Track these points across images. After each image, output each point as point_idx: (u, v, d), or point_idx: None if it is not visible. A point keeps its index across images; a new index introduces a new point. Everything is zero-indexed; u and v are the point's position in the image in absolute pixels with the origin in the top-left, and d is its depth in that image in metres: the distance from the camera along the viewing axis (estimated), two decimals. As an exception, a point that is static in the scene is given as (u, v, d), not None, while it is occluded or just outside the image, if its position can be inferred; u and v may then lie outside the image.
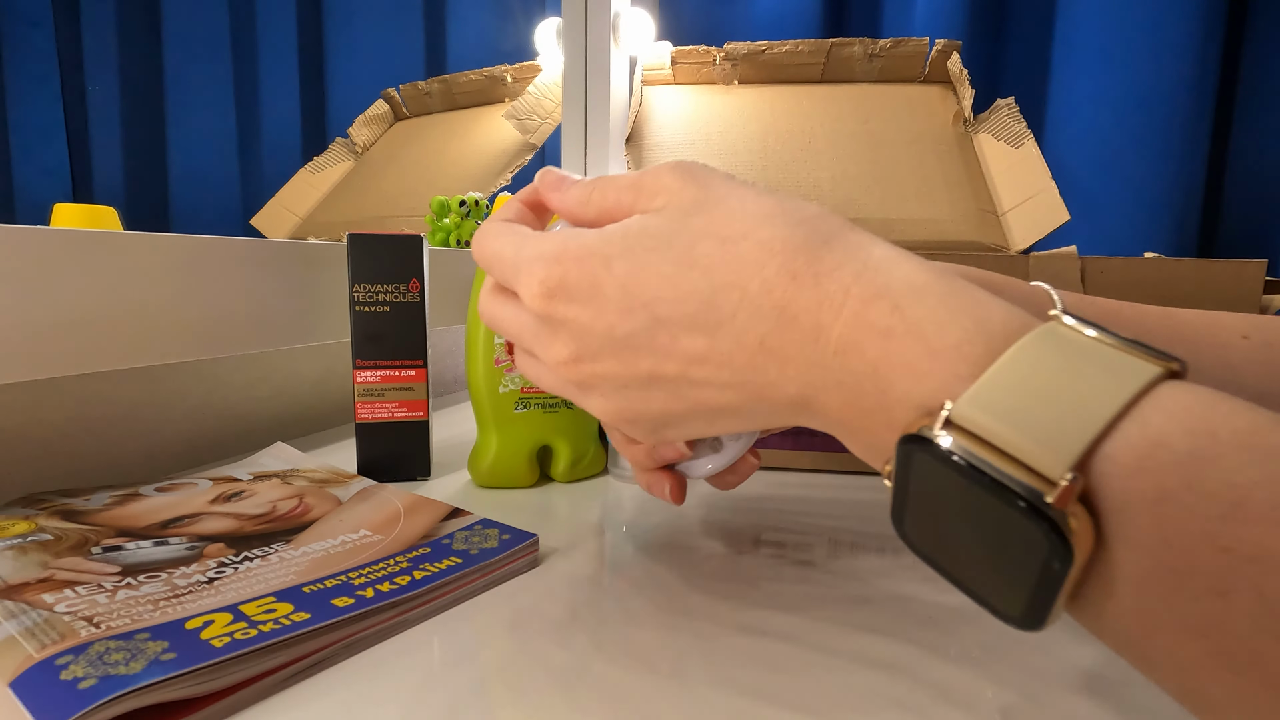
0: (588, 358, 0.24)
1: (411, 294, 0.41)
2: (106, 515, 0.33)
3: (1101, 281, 0.45)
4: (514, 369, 0.41)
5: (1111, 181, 0.98)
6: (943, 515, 0.18)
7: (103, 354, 0.36)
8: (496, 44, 1.19)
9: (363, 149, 1.10)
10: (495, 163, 0.94)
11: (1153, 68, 0.95)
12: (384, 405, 0.42)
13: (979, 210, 0.56)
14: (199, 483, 0.38)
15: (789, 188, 0.57)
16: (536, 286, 0.24)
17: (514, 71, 1.00)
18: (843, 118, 0.71)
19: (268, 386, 0.54)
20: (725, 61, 0.77)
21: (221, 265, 0.42)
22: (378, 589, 0.26)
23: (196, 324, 0.41)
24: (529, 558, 0.32)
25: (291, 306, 0.47)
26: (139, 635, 0.22)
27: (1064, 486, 0.15)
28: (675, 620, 0.27)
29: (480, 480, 0.42)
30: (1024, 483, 0.15)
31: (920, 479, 0.18)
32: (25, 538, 0.29)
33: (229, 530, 0.32)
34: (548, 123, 0.94)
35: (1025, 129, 0.67)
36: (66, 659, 0.20)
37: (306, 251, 0.48)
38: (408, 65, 1.21)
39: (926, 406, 0.18)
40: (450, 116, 1.06)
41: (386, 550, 0.30)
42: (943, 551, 0.18)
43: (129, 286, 0.37)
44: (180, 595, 0.25)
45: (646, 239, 0.22)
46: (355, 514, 0.34)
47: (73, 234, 0.34)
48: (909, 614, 0.28)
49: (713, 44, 0.78)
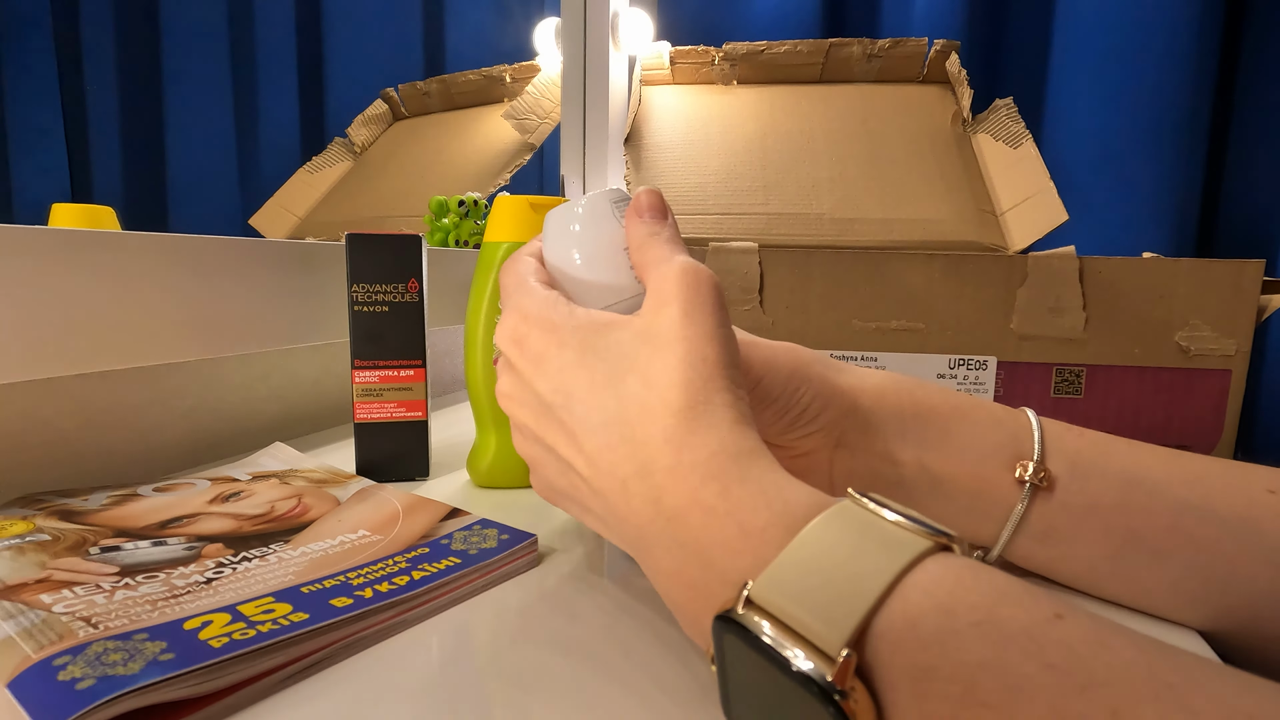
0: (517, 401, 0.27)
1: (410, 294, 0.41)
2: (105, 515, 0.33)
3: (1100, 281, 0.45)
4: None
5: (1110, 181, 0.98)
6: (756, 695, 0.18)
7: (101, 354, 0.36)
8: (495, 44, 1.18)
9: (361, 149, 1.10)
10: (494, 162, 0.94)
11: (1151, 67, 0.95)
12: (383, 405, 0.42)
13: (977, 210, 0.56)
14: (197, 483, 0.38)
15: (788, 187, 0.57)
16: (509, 329, 0.27)
17: (513, 71, 1.00)
18: (841, 118, 0.71)
19: (266, 386, 0.54)
20: (724, 61, 0.77)
21: (220, 265, 0.42)
22: (376, 589, 0.26)
23: (195, 324, 0.41)
24: (528, 558, 0.32)
25: (290, 306, 0.47)
26: (137, 635, 0.22)
27: (841, 663, 0.16)
28: (674, 621, 0.27)
29: (479, 480, 0.42)
30: (809, 661, 0.16)
31: (732, 655, 0.19)
32: (23, 538, 0.29)
33: (227, 530, 0.32)
34: (546, 122, 0.94)
35: (1024, 129, 0.67)
36: (64, 659, 0.20)
37: (305, 251, 0.48)
38: (406, 65, 1.21)
39: (738, 585, 0.19)
40: (449, 116, 1.06)
41: (385, 550, 0.30)
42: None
43: (127, 286, 0.37)
44: (178, 595, 0.25)
45: (604, 346, 0.25)
46: (354, 514, 0.34)
47: (71, 234, 0.34)
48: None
49: (711, 44, 0.78)
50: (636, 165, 0.71)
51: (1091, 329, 0.45)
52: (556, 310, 0.26)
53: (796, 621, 0.17)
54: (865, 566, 0.17)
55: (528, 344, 0.26)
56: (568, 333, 0.25)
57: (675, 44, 0.80)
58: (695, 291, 0.24)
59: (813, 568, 0.18)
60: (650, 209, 0.28)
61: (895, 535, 0.18)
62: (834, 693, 0.16)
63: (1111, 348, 0.45)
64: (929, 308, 0.46)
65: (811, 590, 0.17)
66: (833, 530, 0.18)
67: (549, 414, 0.25)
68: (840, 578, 0.17)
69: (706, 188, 0.66)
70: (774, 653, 0.17)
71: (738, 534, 0.20)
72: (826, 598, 0.17)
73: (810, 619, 0.17)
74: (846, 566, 0.17)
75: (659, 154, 0.72)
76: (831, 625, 0.17)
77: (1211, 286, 0.44)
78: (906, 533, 0.18)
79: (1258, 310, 0.45)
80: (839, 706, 0.16)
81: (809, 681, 0.16)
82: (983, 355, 0.46)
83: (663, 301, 0.25)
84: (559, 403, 0.25)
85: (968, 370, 0.46)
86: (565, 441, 0.25)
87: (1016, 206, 0.59)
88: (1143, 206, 0.97)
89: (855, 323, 0.46)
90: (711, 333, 0.24)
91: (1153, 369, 0.45)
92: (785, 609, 0.17)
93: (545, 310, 0.26)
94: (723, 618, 0.18)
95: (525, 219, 0.40)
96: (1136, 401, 0.45)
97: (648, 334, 0.24)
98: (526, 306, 0.27)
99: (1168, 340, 0.44)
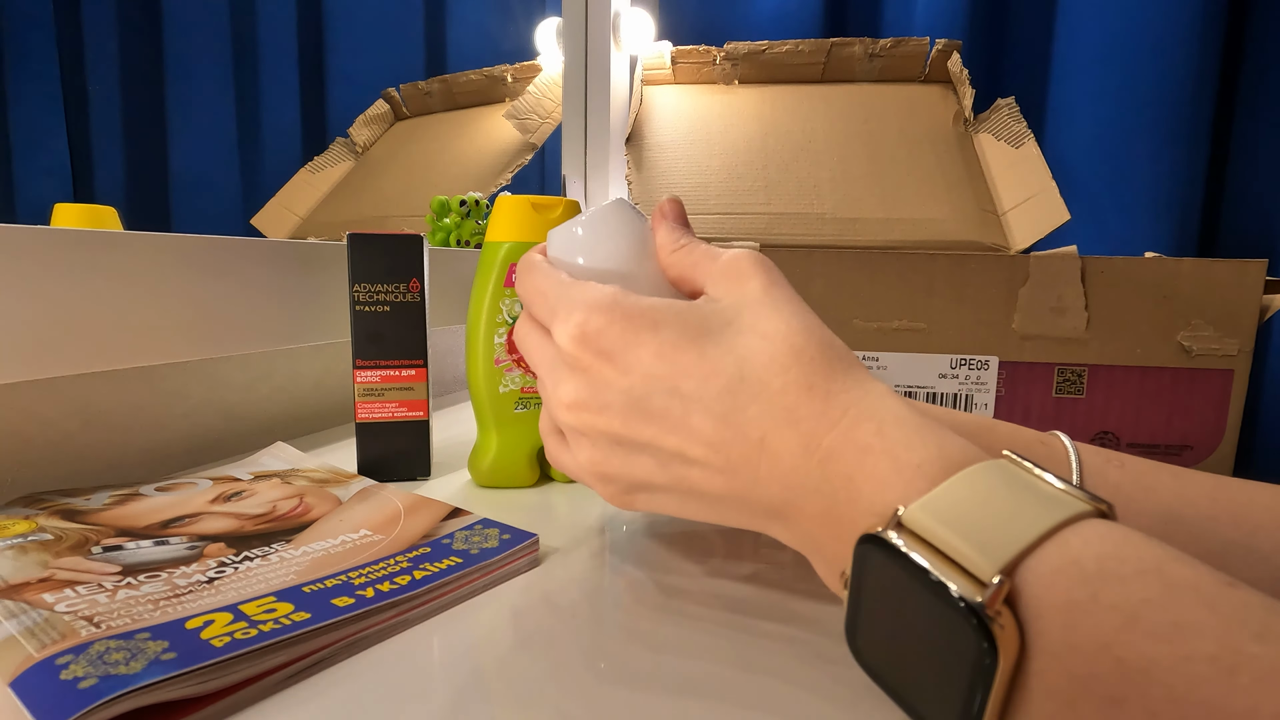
0: (594, 408, 0.25)
1: (411, 294, 0.41)
2: (107, 515, 0.33)
3: (1102, 281, 0.45)
4: (514, 369, 0.41)
5: (1112, 181, 0.98)
6: (890, 620, 0.19)
7: (103, 354, 0.36)
8: (497, 44, 1.19)
9: (363, 149, 1.10)
10: (495, 162, 0.94)
11: (1153, 67, 0.95)
12: (384, 405, 0.42)
13: (979, 210, 0.56)
14: (199, 482, 0.38)
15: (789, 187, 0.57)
16: (574, 328, 0.25)
17: (514, 71, 1.00)
18: (843, 117, 0.71)
19: (268, 386, 0.54)
20: (725, 61, 0.77)
21: (222, 265, 0.42)
22: (378, 589, 0.26)
23: (197, 323, 0.41)
24: (529, 557, 0.32)
25: (292, 306, 0.47)
26: (139, 635, 0.22)
27: (993, 589, 0.16)
28: (676, 620, 0.27)
29: (480, 480, 0.42)
30: (959, 581, 0.17)
31: (872, 578, 0.19)
32: (26, 537, 0.30)
33: (229, 530, 0.32)
34: (548, 122, 0.94)
35: (1025, 128, 0.67)
36: (67, 658, 0.20)
37: (307, 251, 0.48)
38: (408, 65, 1.21)
39: (885, 514, 0.19)
40: (450, 116, 1.06)
41: (387, 550, 0.30)
42: (889, 663, 0.20)
43: (129, 286, 0.37)
44: (180, 595, 0.25)
45: (699, 319, 0.24)
46: (355, 514, 0.34)
47: (73, 234, 0.34)
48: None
49: (713, 44, 0.78)
50: (638, 165, 0.71)
51: (1093, 329, 0.45)
52: (631, 297, 0.25)
53: (949, 546, 0.17)
54: (1024, 514, 0.17)
55: (605, 338, 0.24)
56: (657, 313, 0.24)
57: (676, 44, 0.80)
58: (768, 270, 0.25)
59: (970, 505, 0.18)
60: (677, 216, 0.28)
61: (1055, 494, 0.18)
62: (982, 615, 0.16)
63: (1113, 348, 0.45)
64: (930, 308, 0.46)
65: (966, 523, 0.18)
66: (992, 477, 0.19)
67: (641, 407, 0.24)
68: (998, 517, 0.18)
69: (708, 187, 0.66)
70: (923, 571, 0.17)
71: (891, 468, 0.20)
72: (982, 531, 0.17)
73: (963, 545, 0.17)
74: (1004, 511, 0.18)
75: (660, 154, 0.72)
76: (986, 553, 0.17)
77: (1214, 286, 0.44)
78: (1066, 495, 0.18)
79: (1260, 310, 0.45)
80: (988, 630, 0.16)
81: (957, 603, 0.16)
82: (984, 355, 0.46)
83: (740, 278, 0.25)
84: (657, 389, 0.23)
85: (969, 370, 0.46)
86: (669, 429, 0.24)
87: (1018, 206, 0.58)
88: (1145, 206, 0.97)
89: (857, 322, 0.46)
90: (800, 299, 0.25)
91: (1155, 369, 0.45)
92: (938, 534, 0.18)
93: (619, 299, 0.25)
94: (870, 538, 0.19)
95: (527, 219, 0.40)
96: (1138, 401, 0.45)
97: (743, 301, 0.24)
98: (592, 299, 0.25)
99: (1170, 340, 0.44)
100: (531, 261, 0.29)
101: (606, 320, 0.24)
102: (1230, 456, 0.46)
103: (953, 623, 0.17)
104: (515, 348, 0.41)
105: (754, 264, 0.25)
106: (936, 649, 0.17)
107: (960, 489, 0.19)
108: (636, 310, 0.24)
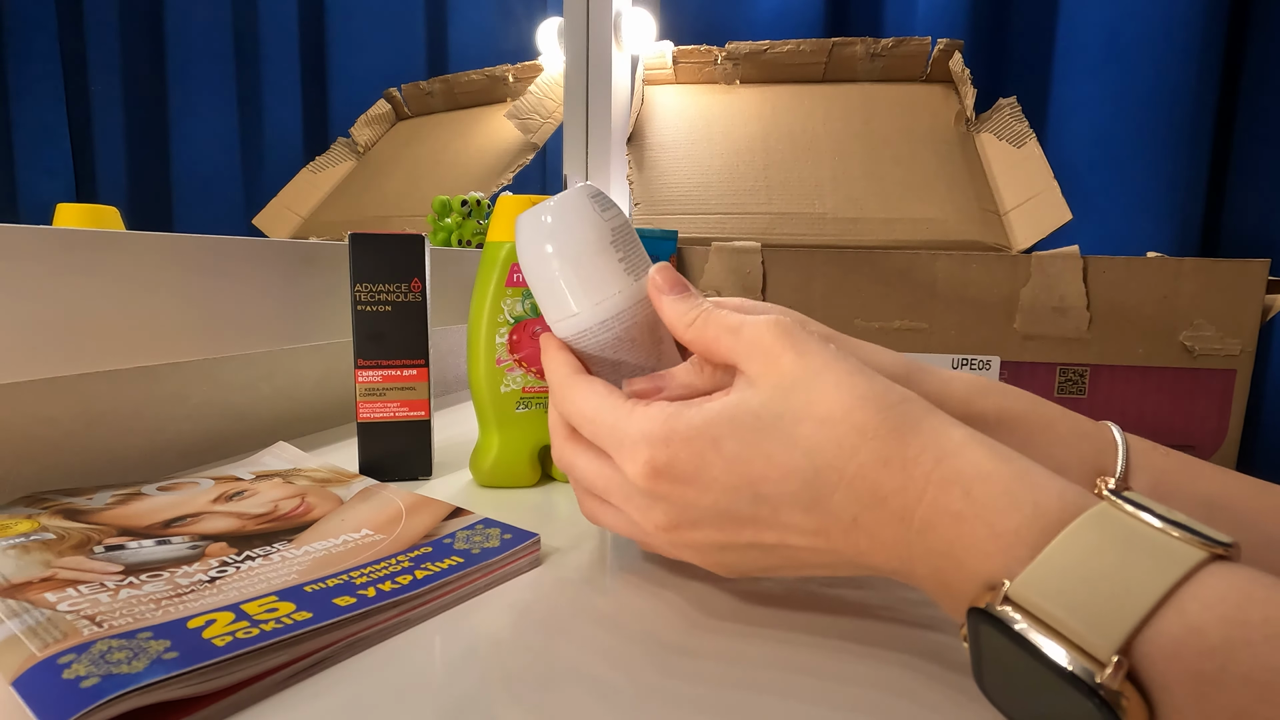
0: (687, 525, 0.25)
1: (413, 293, 0.41)
2: (109, 514, 0.33)
3: (1104, 281, 0.45)
4: (516, 369, 0.41)
5: (1114, 181, 0.98)
6: (1012, 681, 0.19)
7: (105, 353, 0.36)
8: (498, 43, 1.18)
9: (364, 149, 1.11)
10: (497, 162, 0.94)
11: (1155, 66, 0.95)
12: (385, 405, 0.42)
13: (981, 210, 0.56)
14: (201, 482, 0.38)
15: (790, 187, 0.57)
16: (643, 466, 0.25)
17: (516, 71, 1.00)
18: (844, 117, 0.71)
19: (269, 386, 0.54)
20: (727, 61, 0.77)
21: (223, 265, 0.42)
22: (379, 588, 0.26)
23: (198, 323, 0.41)
24: (530, 557, 0.32)
25: (293, 306, 0.47)
26: (141, 634, 0.22)
27: (1112, 668, 0.16)
28: (677, 620, 0.27)
29: (482, 480, 0.42)
30: (1078, 662, 0.17)
31: (988, 646, 0.19)
32: (28, 537, 0.30)
33: (231, 529, 0.32)
34: (549, 122, 0.94)
35: (1027, 128, 0.67)
36: (69, 658, 0.20)
37: (308, 251, 0.48)
38: (409, 65, 1.21)
39: (991, 583, 0.19)
40: (452, 116, 1.06)
41: (388, 549, 0.30)
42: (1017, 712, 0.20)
43: (131, 286, 0.37)
44: (182, 594, 0.25)
45: (751, 419, 0.23)
46: (357, 513, 0.34)
47: (76, 234, 0.34)
48: (914, 609, 0.28)
49: (714, 43, 0.78)
50: (639, 165, 0.71)
51: (1095, 329, 0.45)
52: (682, 418, 0.24)
53: (1061, 624, 0.17)
54: (1134, 577, 0.17)
55: (675, 469, 0.24)
56: (713, 428, 0.24)
57: (678, 43, 0.80)
58: (794, 337, 0.24)
59: (1075, 574, 0.18)
60: (674, 285, 0.28)
61: (1164, 544, 0.17)
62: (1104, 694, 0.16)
63: (1115, 347, 0.45)
64: (932, 307, 0.46)
65: (1075, 595, 0.17)
66: (1093, 536, 0.18)
67: (732, 516, 0.24)
68: (1106, 586, 0.17)
69: (709, 187, 0.66)
70: (1037, 651, 0.17)
71: (988, 536, 0.20)
72: (1093, 605, 0.17)
73: (1076, 624, 0.17)
74: (1113, 576, 0.17)
75: (661, 154, 0.72)
76: (1100, 632, 0.17)
77: (1216, 286, 0.44)
78: (1177, 541, 0.17)
79: (1262, 310, 0.44)
80: (1111, 708, 0.16)
81: (1078, 681, 0.16)
82: (986, 355, 0.46)
83: (769, 357, 0.24)
84: (741, 499, 0.24)
85: (971, 370, 0.46)
86: (765, 527, 0.24)
87: (1020, 206, 0.58)
88: (1147, 206, 0.97)
89: (858, 322, 0.46)
90: (837, 354, 0.23)
91: (1156, 369, 0.45)
92: (1049, 611, 0.17)
93: (673, 425, 0.24)
94: (979, 611, 0.19)
95: (528, 219, 0.40)
96: (1140, 401, 0.45)
97: (782, 387, 0.23)
98: (648, 432, 0.25)
99: (1172, 340, 0.44)
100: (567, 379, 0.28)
101: (669, 453, 0.24)
102: (1233, 456, 0.45)
103: (1075, 699, 0.17)
104: (516, 348, 0.41)
105: (778, 337, 0.24)
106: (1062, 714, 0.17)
107: (1063, 556, 0.18)
108: (693, 431, 0.24)
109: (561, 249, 0.29)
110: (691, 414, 0.24)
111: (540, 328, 0.41)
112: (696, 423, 0.24)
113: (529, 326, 0.41)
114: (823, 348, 0.24)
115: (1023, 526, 0.19)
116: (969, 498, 0.20)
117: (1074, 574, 0.18)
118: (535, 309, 0.41)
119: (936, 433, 0.22)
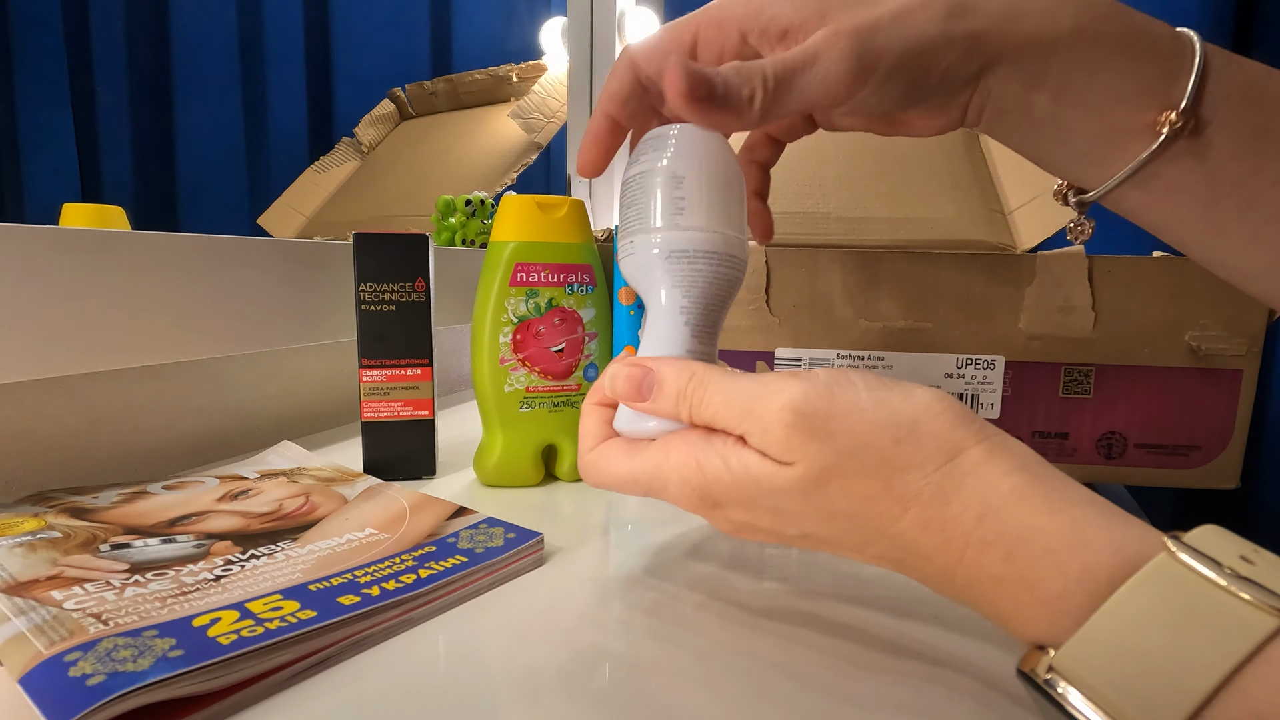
0: (747, 530, 0.25)
1: (417, 293, 0.41)
2: (114, 513, 0.33)
3: (1109, 280, 0.44)
4: (519, 368, 0.41)
5: (1119, 180, 0.97)
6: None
7: (110, 353, 0.36)
8: (502, 43, 1.19)
9: (369, 148, 1.11)
10: (501, 162, 0.94)
11: (1161, 65, 0.94)
12: (389, 404, 0.42)
13: (985, 209, 0.56)
14: (206, 481, 0.38)
15: (794, 186, 0.57)
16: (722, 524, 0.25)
17: (520, 71, 1.01)
18: (849, 116, 0.71)
19: (274, 385, 0.54)
20: (731, 60, 0.76)
21: (228, 264, 0.42)
22: (383, 587, 0.26)
23: (203, 323, 0.41)
24: (534, 556, 0.32)
25: (298, 305, 0.47)
26: (147, 632, 0.22)
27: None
28: (680, 619, 0.27)
29: (485, 479, 0.42)
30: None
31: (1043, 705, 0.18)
32: (34, 535, 0.30)
33: (236, 528, 0.32)
34: (553, 122, 0.94)
35: (1032, 127, 0.66)
36: (75, 656, 0.20)
37: (313, 251, 0.49)
38: (413, 65, 1.22)
39: (1038, 643, 0.19)
40: (456, 116, 1.06)
41: (392, 549, 0.30)
42: None
43: (137, 286, 0.37)
44: (188, 593, 0.25)
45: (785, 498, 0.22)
46: (361, 512, 0.34)
47: (81, 233, 0.34)
48: (917, 605, 0.28)
49: (718, 43, 0.78)
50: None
51: (1100, 328, 0.45)
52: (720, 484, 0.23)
53: (1107, 703, 0.16)
54: (1191, 653, 0.16)
55: (724, 504, 0.24)
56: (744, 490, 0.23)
57: (682, 43, 0.80)
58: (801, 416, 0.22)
59: (1124, 647, 0.16)
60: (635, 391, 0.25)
61: (1228, 611, 0.16)
62: None
63: (1121, 347, 0.45)
64: (936, 307, 0.46)
65: (1123, 671, 0.16)
66: (1146, 601, 0.17)
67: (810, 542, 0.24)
68: (1160, 662, 0.16)
69: (713, 187, 0.66)
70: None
71: (1031, 601, 0.19)
72: (1144, 685, 0.16)
73: (1125, 705, 0.16)
74: (1168, 650, 0.16)
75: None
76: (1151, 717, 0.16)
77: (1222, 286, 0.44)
78: (1243, 605, 0.16)
79: (1269, 310, 0.44)
80: None
81: None
82: (991, 355, 0.46)
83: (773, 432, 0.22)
84: (793, 533, 0.24)
85: (975, 370, 0.46)
86: (837, 548, 0.24)
87: (1025, 205, 0.58)
88: (1152, 205, 0.97)
89: (862, 322, 0.46)
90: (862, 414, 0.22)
91: (1162, 369, 0.44)
92: (1097, 689, 0.17)
93: (710, 486, 0.23)
94: (1026, 674, 0.18)
95: (532, 218, 0.40)
96: (1146, 402, 0.45)
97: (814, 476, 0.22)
98: (689, 481, 0.24)
99: (1178, 340, 0.44)
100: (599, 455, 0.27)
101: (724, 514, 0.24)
102: (1239, 457, 0.45)
103: None
104: (520, 347, 0.41)
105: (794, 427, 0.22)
106: None
107: (1111, 627, 0.17)
108: (736, 492, 0.23)
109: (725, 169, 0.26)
110: (721, 472, 0.24)
111: (543, 327, 0.41)
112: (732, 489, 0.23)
113: (532, 326, 0.41)
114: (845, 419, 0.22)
115: (1068, 591, 0.18)
116: (1009, 560, 0.19)
117: (1123, 646, 0.16)
118: (538, 308, 0.41)
119: (984, 486, 0.20)
